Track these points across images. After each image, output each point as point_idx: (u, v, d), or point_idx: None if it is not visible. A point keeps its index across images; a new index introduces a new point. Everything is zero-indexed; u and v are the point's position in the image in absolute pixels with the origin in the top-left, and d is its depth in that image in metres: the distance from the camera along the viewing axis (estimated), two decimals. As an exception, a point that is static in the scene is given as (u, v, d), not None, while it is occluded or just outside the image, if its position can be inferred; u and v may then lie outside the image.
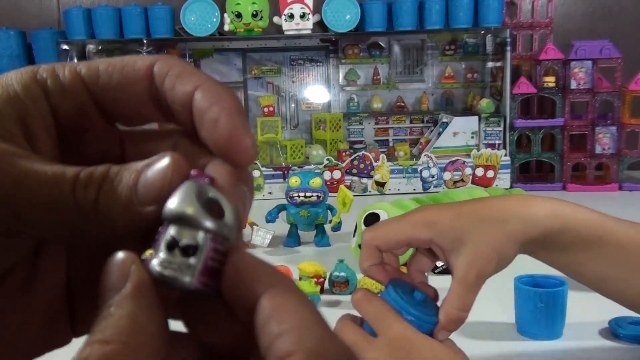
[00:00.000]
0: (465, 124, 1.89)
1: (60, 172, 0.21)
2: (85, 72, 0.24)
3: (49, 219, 0.21)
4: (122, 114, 0.25)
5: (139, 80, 0.24)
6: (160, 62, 0.24)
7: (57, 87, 0.23)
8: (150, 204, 0.22)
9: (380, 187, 1.85)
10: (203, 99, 0.23)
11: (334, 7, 1.83)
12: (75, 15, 1.82)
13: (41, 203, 0.21)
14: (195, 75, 0.23)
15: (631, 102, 1.84)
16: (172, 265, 0.22)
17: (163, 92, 0.24)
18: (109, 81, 0.24)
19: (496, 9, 1.86)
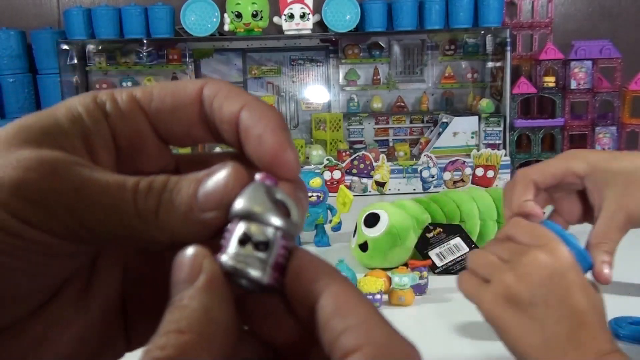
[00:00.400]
0: (465, 124, 1.89)
1: (121, 181, 0.23)
2: (141, 96, 0.26)
3: (110, 225, 0.22)
4: (175, 135, 0.26)
5: (190, 103, 0.25)
6: (209, 85, 0.25)
7: (116, 110, 0.25)
8: (211, 209, 0.23)
9: (380, 187, 1.85)
10: (248, 117, 0.24)
11: (334, 7, 1.83)
12: (75, 15, 1.82)
13: (103, 209, 0.22)
14: (242, 96, 0.25)
15: (631, 102, 1.84)
16: (246, 259, 0.22)
17: (212, 113, 0.25)
18: (162, 104, 0.25)
19: (496, 9, 1.86)
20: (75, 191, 0.22)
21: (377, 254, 1.13)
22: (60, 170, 0.22)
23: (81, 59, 1.91)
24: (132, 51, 1.94)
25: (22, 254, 0.22)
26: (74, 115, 0.24)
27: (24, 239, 0.22)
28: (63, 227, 0.22)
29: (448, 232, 1.15)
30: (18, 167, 0.22)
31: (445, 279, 1.09)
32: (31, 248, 0.22)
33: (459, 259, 1.13)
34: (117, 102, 0.25)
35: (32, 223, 0.22)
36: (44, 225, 0.22)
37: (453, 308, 0.98)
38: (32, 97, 1.93)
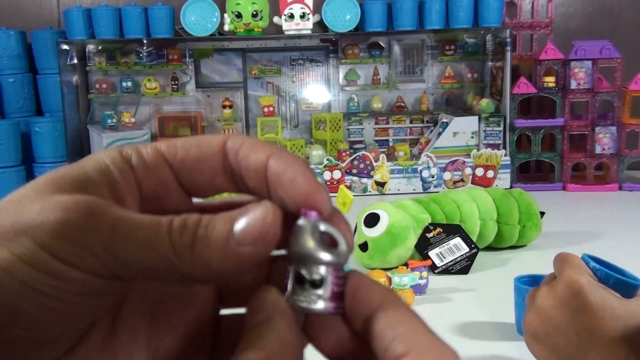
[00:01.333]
0: (465, 124, 1.89)
1: (156, 219, 0.24)
2: (165, 149, 0.27)
3: (146, 260, 0.23)
4: (198, 184, 0.28)
5: (214, 154, 0.27)
6: (232, 138, 0.27)
7: (141, 162, 0.26)
8: (248, 243, 0.24)
9: (380, 187, 1.85)
10: (278, 164, 0.26)
11: (334, 7, 1.83)
12: (75, 15, 1.83)
13: (139, 245, 0.23)
14: (268, 146, 0.26)
15: (631, 102, 1.84)
16: (306, 299, 0.25)
17: (237, 163, 0.27)
18: (186, 156, 0.27)
19: (496, 9, 1.86)
20: (112, 229, 0.23)
21: (377, 254, 1.13)
22: (96, 210, 0.23)
23: (81, 59, 1.91)
24: (132, 51, 1.94)
25: (61, 295, 0.23)
26: (101, 167, 0.26)
27: (64, 279, 0.23)
28: (100, 264, 0.23)
29: (448, 232, 1.15)
30: (57, 209, 0.23)
31: (445, 279, 1.09)
32: (70, 288, 0.23)
33: (458, 259, 1.13)
34: (142, 155, 0.27)
35: (72, 263, 0.23)
36: (83, 264, 0.23)
37: (453, 308, 0.98)
38: (32, 97, 1.93)
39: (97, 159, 0.26)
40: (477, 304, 0.99)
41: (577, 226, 1.42)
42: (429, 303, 1.00)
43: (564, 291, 0.65)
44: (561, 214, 1.53)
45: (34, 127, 1.82)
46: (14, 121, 1.81)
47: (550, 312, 0.66)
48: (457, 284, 1.07)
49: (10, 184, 1.77)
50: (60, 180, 0.25)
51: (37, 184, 0.25)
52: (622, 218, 1.54)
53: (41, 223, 0.23)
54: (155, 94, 1.95)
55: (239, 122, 2.01)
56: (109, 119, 1.90)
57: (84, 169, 0.25)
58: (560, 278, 0.66)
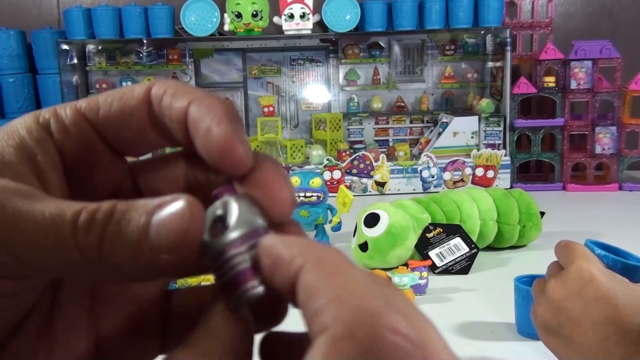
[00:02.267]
0: (465, 124, 1.89)
1: (59, 213, 0.21)
2: (86, 107, 0.24)
3: (50, 261, 0.21)
4: (126, 142, 0.25)
5: (138, 105, 0.24)
6: (156, 85, 0.24)
7: (60, 126, 0.24)
8: (164, 252, 0.21)
9: (380, 187, 1.85)
10: (196, 111, 0.23)
11: (334, 7, 1.83)
12: (75, 15, 1.83)
13: (40, 245, 0.21)
14: (190, 92, 0.24)
15: (631, 102, 1.84)
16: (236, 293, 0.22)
17: (161, 113, 0.24)
18: (108, 111, 0.24)
19: (496, 9, 1.86)
20: (10, 225, 0.21)
21: (377, 254, 1.13)
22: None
23: (81, 59, 1.91)
24: (132, 51, 1.94)
25: None
26: (15, 141, 0.23)
27: None
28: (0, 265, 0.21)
29: (448, 232, 1.15)
30: None
31: (445, 279, 1.09)
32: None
33: (458, 259, 1.13)
34: (60, 118, 0.24)
35: None
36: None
37: (453, 308, 0.98)
38: (32, 97, 1.93)
39: (10, 132, 0.23)
40: (477, 304, 0.99)
41: (577, 226, 1.42)
42: (429, 303, 1.00)
43: (575, 281, 0.64)
44: (561, 214, 1.53)
45: (34, 127, 1.82)
46: (14, 121, 1.81)
47: (563, 303, 0.64)
48: (457, 284, 1.07)
49: (10, 184, 1.77)
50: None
51: None
52: (622, 218, 1.54)
53: None
54: (155, 94, 1.95)
55: (239, 122, 2.01)
56: (109, 119, 1.90)
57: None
58: (570, 268, 0.65)
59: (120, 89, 0.25)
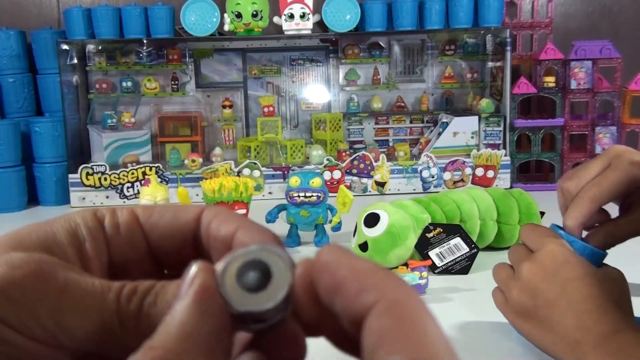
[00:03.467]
0: (465, 124, 1.89)
1: (106, 284, 0.23)
2: (141, 212, 0.27)
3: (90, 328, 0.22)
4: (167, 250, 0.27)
5: (188, 222, 0.26)
6: (209, 209, 0.27)
7: (113, 222, 0.26)
8: None
9: (380, 187, 1.85)
10: (244, 235, 0.25)
11: (334, 7, 1.83)
12: (75, 15, 1.83)
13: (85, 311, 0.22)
14: (239, 218, 0.26)
15: (631, 102, 1.84)
16: None
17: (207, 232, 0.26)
18: (159, 219, 0.26)
19: (496, 9, 1.86)
20: (59, 292, 0.22)
21: (377, 254, 1.13)
22: (45, 271, 0.22)
23: (81, 59, 1.91)
24: (132, 51, 1.94)
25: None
26: (70, 226, 0.25)
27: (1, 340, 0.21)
28: (43, 329, 0.21)
29: (448, 232, 1.15)
30: (4, 265, 0.22)
31: (445, 279, 1.09)
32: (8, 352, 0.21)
33: (458, 259, 1.13)
34: (116, 216, 0.26)
35: (11, 324, 0.21)
36: (22, 326, 0.21)
37: (453, 308, 0.98)
38: (32, 97, 1.93)
39: (68, 218, 0.25)
40: (477, 304, 0.99)
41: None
42: (429, 303, 0.99)
43: (550, 263, 0.64)
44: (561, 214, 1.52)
45: (34, 127, 1.82)
46: (14, 121, 1.80)
47: (540, 285, 0.64)
48: (457, 284, 1.07)
49: (10, 184, 1.77)
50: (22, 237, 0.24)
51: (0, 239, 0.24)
52: (622, 218, 1.53)
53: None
54: (155, 94, 1.95)
55: (239, 122, 2.01)
56: (109, 119, 1.90)
57: (52, 227, 0.25)
58: (543, 250, 0.65)
59: (178, 206, 0.27)
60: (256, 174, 1.82)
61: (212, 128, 2.01)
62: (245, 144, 1.94)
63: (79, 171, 1.77)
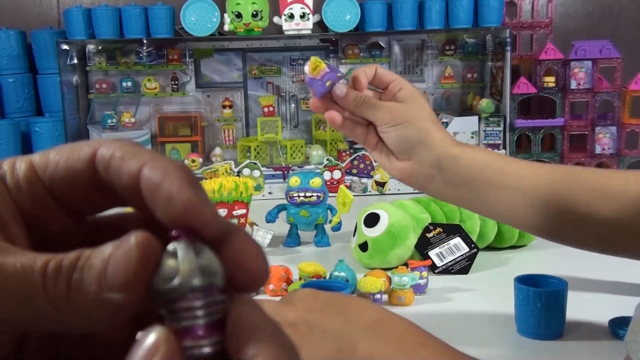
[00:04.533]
0: (465, 124, 1.89)
1: (30, 264, 0.21)
2: (38, 162, 0.24)
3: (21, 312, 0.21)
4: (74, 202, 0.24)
5: (82, 169, 0.23)
6: (102, 147, 0.23)
7: (14, 180, 0.23)
8: (118, 290, 0.20)
9: (380, 187, 1.85)
10: (151, 177, 0.22)
11: (334, 7, 1.83)
12: (75, 15, 1.83)
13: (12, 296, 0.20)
14: (140, 154, 0.22)
15: (631, 102, 1.84)
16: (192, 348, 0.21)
17: (109, 178, 0.23)
18: (54, 170, 0.23)
19: (496, 9, 1.86)
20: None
21: (377, 254, 1.13)
22: None
23: (81, 59, 1.91)
24: (132, 51, 1.94)
25: None
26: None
27: None
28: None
29: (448, 232, 1.15)
30: None
31: (445, 279, 1.09)
32: None
33: (458, 259, 1.13)
34: (15, 172, 0.24)
35: None
36: None
37: (453, 308, 0.98)
38: (32, 97, 1.93)
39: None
40: (477, 304, 0.99)
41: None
42: (429, 303, 1.00)
43: None
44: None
45: (34, 127, 1.82)
46: (14, 121, 1.81)
47: None
48: (457, 284, 1.07)
49: (10, 184, 1.77)
50: None
51: None
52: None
53: None
54: (155, 94, 1.95)
55: (239, 122, 2.01)
56: (109, 119, 1.90)
57: None
58: None
59: (70, 147, 0.24)
60: (256, 174, 1.82)
61: (212, 128, 2.01)
62: (245, 144, 1.94)
63: (79, 171, 1.77)
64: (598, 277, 1.05)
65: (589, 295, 1.00)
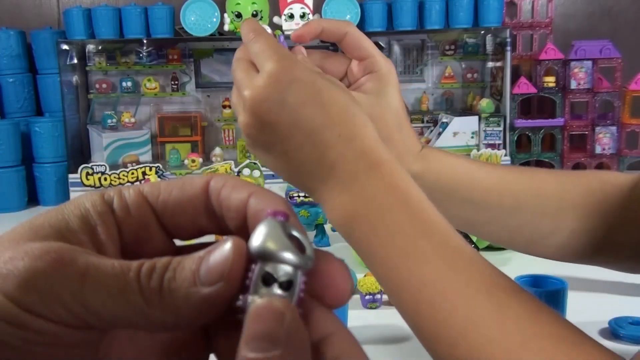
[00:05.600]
0: (465, 124, 1.89)
1: (126, 264, 0.23)
2: (148, 190, 0.27)
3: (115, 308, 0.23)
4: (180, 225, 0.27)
5: (196, 195, 0.27)
6: (215, 178, 0.27)
7: (122, 204, 0.26)
8: (212, 284, 0.23)
9: (380, 187, 1.85)
10: (257, 202, 0.25)
11: (334, 7, 1.83)
12: (75, 15, 1.82)
13: (108, 292, 0.23)
14: (249, 185, 0.26)
15: (631, 102, 1.84)
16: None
17: (218, 203, 0.26)
18: (168, 197, 0.27)
19: (496, 9, 1.86)
20: (82, 276, 0.23)
21: (377, 254, 1.13)
22: (66, 258, 0.23)
23: (81, 59, 1.91)
24: (132, 51, 1.94)
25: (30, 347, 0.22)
26: (81, 212, 0.25)
27: (32, 330, 0.22)
28: (69, 313, 0.22)
29: (448, 232, 1.14)
30: (25, 257, 0.23)
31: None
32: (38, 340, 0.22)
33: (459, 259, 1.13)
34: (124, 197, 0.26)
35: (39, 313, 0.22)
36: (51, 314, 0.22)
37: (453, 308, 0.98)
38: (32, 97, 1.93)
39: (77, 204, 0.26)
40: (477, 304, 0.99)
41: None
42: (429, 303, 1.00)
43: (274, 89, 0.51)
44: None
45: (34, 127, 1.82)
46: (14, 121, 1.81)
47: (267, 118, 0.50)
48: (457, 284, 1.07)
49: (10, 184, 1.77)
50: (37, 228, 0.24)
51: (14, 232, 0.24)
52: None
53: (8, 272, 0.22)
54: (155, 94, 1.95)
55: (239, 122, 2.01)
56: (109, 119, 1.90)
57: (63, 214, 0.25)
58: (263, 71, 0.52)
59: (181, 179, 0.28)
60: (256, 174, 1.82)
61: (212, 128, 2.01)
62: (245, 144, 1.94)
63: (79, 171, 1.77)
64: (598, 277, 1.05)
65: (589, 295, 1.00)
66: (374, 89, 0.63)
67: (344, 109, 0.49)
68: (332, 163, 0.48)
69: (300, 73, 0.50)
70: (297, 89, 0.49)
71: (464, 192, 0.65)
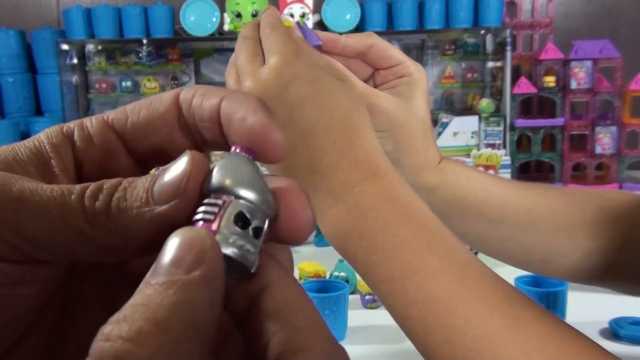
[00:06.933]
0: (465, 124, 1.89)
1: (68, 188, 0.21)
2: (113, 117, 0.25)
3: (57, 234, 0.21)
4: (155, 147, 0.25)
5: (167, 109, 0.25)
6: (185, 89, 0.25)
7: (83, 135, 0.25)
8: (167, 202, 0.21)
9: (380, 187, 1.85)
10: (229, 105, 0.23)
11: (334, 7, 1.83)
12: (75, 15, 1.82)
13: (47, 218, 0.20)
14: (220, 90, 0.24)
15: (631, 102, 1.84)
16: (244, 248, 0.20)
17: (191, 114, 0.24)
18: (137, 119, 0.25)
19: (496, 9, 1.86)
20: (17, 202, 0.20)
21: (377, 254, 1.13)
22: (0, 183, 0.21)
23: (81, 59, 1.91)
24: (132, 51, 1.94)
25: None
26: (33, 144, 0.24)
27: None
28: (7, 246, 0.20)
29: (448, 232, 1.14)
30: None
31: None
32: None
33: (459, 259, 1.13)
34: (85, 128, 0.25)
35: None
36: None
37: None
38: (32, 96, 1.93)
39: (33, 138, 0.24)
40: (477, 304, 0.99)
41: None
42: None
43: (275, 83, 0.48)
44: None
45: (33, 127, 1.82)
46: (13, 121, 1.81)
47: None
48: (457, 284, 1.07)
49: (10, 184, 1.77)
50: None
51: None
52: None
53: None
54: (155, 93, 1.95)
55: (238, 122, 2.01)
56: (108, 119, 1.90)
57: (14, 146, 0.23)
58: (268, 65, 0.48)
59: (149, 98, 0.25)
60: (256, 174, 1.82)
61: (212, 128, 2.01)
62: (245, 143, 1.94)
63: (79, 171, 1.77)
64: (598, 277, 1.05)
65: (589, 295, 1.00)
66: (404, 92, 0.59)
67: (343, 114, 0.46)
68: (324, 171, 0.45)
69: (304, 70, 0.46)
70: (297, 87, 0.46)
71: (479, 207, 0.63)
